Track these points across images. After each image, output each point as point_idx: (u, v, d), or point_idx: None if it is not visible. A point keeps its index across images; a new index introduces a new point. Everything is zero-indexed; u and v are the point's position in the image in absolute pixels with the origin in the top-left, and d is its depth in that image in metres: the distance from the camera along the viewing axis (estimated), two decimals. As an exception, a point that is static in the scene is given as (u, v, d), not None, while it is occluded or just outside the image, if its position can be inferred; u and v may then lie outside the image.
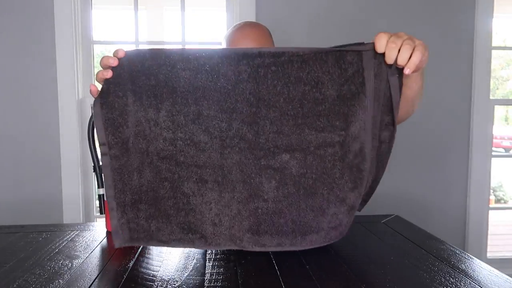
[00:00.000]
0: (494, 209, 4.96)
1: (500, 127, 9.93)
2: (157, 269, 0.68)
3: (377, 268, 0.68)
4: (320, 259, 0.72)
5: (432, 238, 0.86)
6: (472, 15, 1.94)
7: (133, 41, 1.93)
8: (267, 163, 0.67)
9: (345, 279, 0.64)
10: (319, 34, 1.89)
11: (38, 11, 1.77)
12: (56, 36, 1.77)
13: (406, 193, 1.96)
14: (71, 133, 1.80)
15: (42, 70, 1.79)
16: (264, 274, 0.66)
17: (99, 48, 10.52)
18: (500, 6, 2.08)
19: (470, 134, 1.98)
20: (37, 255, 0.76)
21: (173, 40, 3.14)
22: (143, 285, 0.62)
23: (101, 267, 0.69)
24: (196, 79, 0.64)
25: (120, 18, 9.46)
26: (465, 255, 0.75)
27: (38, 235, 0.89)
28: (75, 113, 1.80)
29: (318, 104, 0.64)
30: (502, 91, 10.85)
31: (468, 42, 1.95)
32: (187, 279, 0.64)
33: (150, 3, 4.97)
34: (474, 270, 0.68)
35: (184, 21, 1.94)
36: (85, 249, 0.80)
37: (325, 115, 0.65)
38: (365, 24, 1.90)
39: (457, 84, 1.97)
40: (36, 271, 0.68)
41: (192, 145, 0.67)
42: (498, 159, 2.24)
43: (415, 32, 2.01)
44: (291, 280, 0.63)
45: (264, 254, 0.75)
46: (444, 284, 0.62)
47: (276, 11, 1.86)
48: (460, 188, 2.00)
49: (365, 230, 0.93)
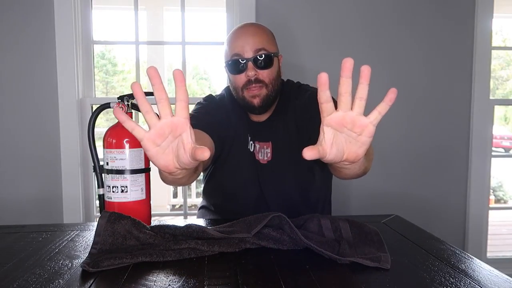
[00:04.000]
0: (494, 209, 4.96)
1: (500, 127, 9.93)
2: (157, 269, 0.68)
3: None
4: (320, 259, 0.72)
5: (432, 238, 0.86)
6: (472, 15, 1.94)
7: (133, 41, 1.93)
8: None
9: (345, 279, 0.64)
10: (319, 34, 1.89)
11: (38, 11, 1.77)
12: (56, 36, 1.77)
13: (406, 193, 1.96)
14: (71, 133, 1.80)
15: (42, 70, 1.79)
16: (264, 274, 0.66)
17: (99, 48, 10.48)
18: (500, 6, 2.08)
19: (470, 134, 1.98)
20: (37, 255, 0.76)
21: (173, 40, 3.12)
22: (143, 285, 0.62)
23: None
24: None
25: (120, 18, 9.47)
26: (465, 255, 0.75)
27: (38, 235, 0.89)
28: (75, 113, 1.80)
29: None
30: (502, 91, 10.85)
31: (468, 42, 1.95)
32: (187, 279, 0.64)
33: (150, 3, 4.97)
34: (474, 270, 0.68)
35: (184, 21, 1.94)
36: (85, 249, 0.80)
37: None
38: (365, 24, 1.90)
39: (457, 84, 1.97)
40: (36, 271, 0.68)
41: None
42: (498, 159, 2.24)
43: (415, 32, 2.02)
44: (291, 280, 0.63)
45: (264, 254, 0.75)
46: (444, 284, 0.62)
47: (276, 11, 1.86)
48: (460, 188, 2.01)
49: (365, 230, 0.93)
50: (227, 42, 1.11)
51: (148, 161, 0.92)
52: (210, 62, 11.77)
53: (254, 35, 1.07)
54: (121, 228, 0.77)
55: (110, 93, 10.65)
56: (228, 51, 1.09)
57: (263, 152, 1.14)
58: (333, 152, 0.63)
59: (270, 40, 1.10)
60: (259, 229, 0.77)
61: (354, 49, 1.91)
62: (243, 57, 1.06)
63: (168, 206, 4.90)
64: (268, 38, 1.10)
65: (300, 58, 1.88)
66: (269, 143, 1.14)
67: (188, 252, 0.73)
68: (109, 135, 0.89)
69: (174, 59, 7.89)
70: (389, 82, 1.93)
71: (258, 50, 1.05)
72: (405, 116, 1.95)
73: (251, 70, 1.05)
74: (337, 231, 0.81)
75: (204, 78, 12.24)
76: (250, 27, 1.10)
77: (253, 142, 1.15)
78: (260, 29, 1.10)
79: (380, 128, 2.14)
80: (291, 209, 1.13)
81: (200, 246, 0.74)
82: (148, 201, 0.93)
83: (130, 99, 0.92)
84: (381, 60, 1.92)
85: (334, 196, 1.30)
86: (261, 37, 1.07)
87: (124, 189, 0.88)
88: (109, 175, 0.89)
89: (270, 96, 1.09)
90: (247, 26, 1.11)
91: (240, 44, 1.06)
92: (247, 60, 1.05)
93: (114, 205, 0.89)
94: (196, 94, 11.09)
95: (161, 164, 0.64)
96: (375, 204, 1.94)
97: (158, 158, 0.63)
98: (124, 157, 0.88)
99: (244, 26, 1.11)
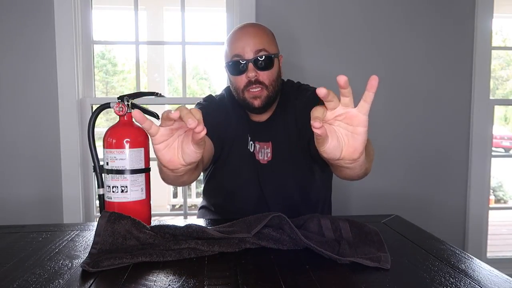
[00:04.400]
0: (494, 209, 4.96)
1: (500, 127, 9.93)
2: (157, 269, 0.68)
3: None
4: (320, 259, 0.72)
5: (432, 238, 0.86)
6: (472, 15, 1.94)
7: (133, 41, 1.93)
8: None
9: (345, 279, 0.64)
10: (319, 33, 1.89)
11: (38, 11, 1.77)
12: (56, 36, 1.77)
13: (406, 193, 1.96)
14: (71, 133, 1.80)
15: (42, 70, 1.79)
16: (264, 274, 0.66)
17: (99, 48, 10.48)
18: (500, 6, 2.08)
19: (470, 134, 1.98)
20: (37, 255, 0.76)
21: (173, 40, 3.12)
22: (143, 285, 0.62)
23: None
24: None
25: (120, 18, 9.48)
26: (465, 255, 0.75)
27: (38, 235, 0.89)
28: (75, 113, 1.80)
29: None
30: (502, 91, 10.86)
31: (468, 42, 1.95)
32: (187, 279, 0.64)
33: (150, 3, 4.97)
34: (474, 270, 0.68)
35: (184, 21, 1.94)
36: (85, 249, 0.80)
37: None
38: (365, 24, 1.90)
39: (457, 84, 1.97)
40: (36, 271, 0.68)
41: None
42: (498, 159, 2.24)
43: (415, 32, 2.02)
44: (291, 280, 0.63)
45: (264, 254, 0.75)
46: (444, 284, 0.62)
47: (276, 11, 1.86)
48: (460, 188, 2.01)
49: (365, 230, 0.93)
50: (228, 43, 1.10)
51: (148, 161, 0.92)
52: (210, 62, 11.78)
53: (255, 36, 1.07)
54: (121, 228, 0.77)
55: (110, 93, 10.65)
56: (229, 52, 1.09)
57: (263, 152, 1.14)
58: (333, 143, 0.64)
59: (270, 41, 1.10)
60: (259, 229, 0.77)
61: (354, 49, 1.91)
62: (244, 58, 1.06)
63: (168, 206, 4.91)
64: (268, 38, 1.09)
65: (299, 58, 1.88)
66: (269, 143, 1.14)
67: (188, 252, 0.73)
68: (109, 135, 0.89)
69: (174, 59, 7.89)
70: (389, 82, 1.93)
71: (258, 51, 1.05)
72: (405, 116, 1.95)
73: (251, 71, 1.05)
74: (337, 231, 0.81)
75: (204, 78, 12.24)
76: (250, 27, 1.10)
77: (253, 142, 1.15)
78: (261, 30, 1.10)
79: (380, 128, 2.14)
80: (291, 209, 1.13)
81: (200, 246, 0.74)
82: (148, 201, 0.93)
83: (130, 99, 0.92)
84: (381, 60, 1.92)
85: (334, 196, 1.30)
86: (262, 38, 1.07)
87: (124, 189, 0.88)
88: (109, 175, 0.88)
89: (270, 97, 1.09)
90: (247, 26, 1.11)
91: (241, 45, 1.06)
92: (248, 61, 1.05)
93: (114, 205, 0.89)
94: (196, 94, 11.09)
95: (166, 159, 0.69)
96: (375, 204, 1.94)
97: (164, 153, 0.68)
98: (124, 157, 0.88)
99: (244, 27, 1.11)
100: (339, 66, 1.90)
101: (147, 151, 0.92)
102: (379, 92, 1.94)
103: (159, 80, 5.42)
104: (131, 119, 0.93)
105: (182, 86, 2.01)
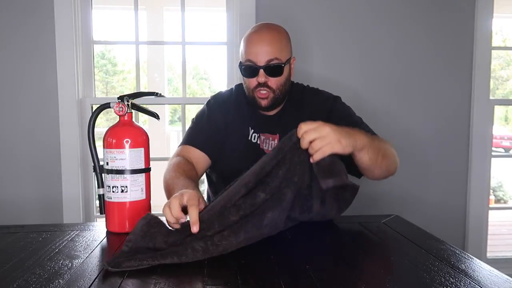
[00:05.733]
0: (494, 209, 4.96)
1: (500, 127, 9.92)
2: (157, 269, 0.68)
3: (377, 268, 0.68)
4: (320, 259, 0.72)
5: (432, 238, 0.86)
6: (472, 15, 1.94)
7: (133, 41, 1.93)
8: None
9: (345, 279, 0.64)
10: (319, 33, 1.89)
11: (38, 11, 1.77)
12: (56, 36, 1.77)
13: (406, 193, 1.96)
14: (71, 133, 1.80)
15: (42, 70, 1.79)
16: (264, 274, 0.66)
17: (99, 48, 10.47)
18: (500, 6, 2.08)
19: (470, 134, 1.98)
20: (37, 255, 0.76)
21: (173, 40, 3.12)
22: (143, 285, 0.62)
23: (101, 267, 0.69)
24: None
25: (120, 18, 9.47)
26: (465, 255, 0.75)
27: (38, 235, 0.89)
28: (75, 113, 1.80)
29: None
30: (502, 91, 10.85)
31: (468, 42, 1.95)
32: (187, 279, 0.65)
33: (150, 3, 4.97)
34: (474, 270, 0.68)
35: (184, 21, 1.94)
36: (85, 249, 0.80)
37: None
38: (365, 23, 1.90)
39: (457, 84, 1.97)
40: (36, 271, 0.68)
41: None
42: (498, 159, 2.24)
43: (415, 32, 2.02)
44: (291, 280, 0.63)
45: (264, 254, 0.75)
46: (444, 284, 0.62)
47: (276, 11, 1.86)
48: (460, 188, 2.00)
49: (365, 230, 0.93)
50: (244, 43, 1.14)
51: (148, 161, 0.92)
52: (210, 62, 11.78)
53: (268, 44, 1.11)
54: (156, 232, 0.76)
55: (110, 93, 10.65)
56: (244, 54, 1.14)
57: (267, 142, 1.19)
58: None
59: (283, 47, 1.14)
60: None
61: (354, 49, 1.91)
62: (256, 64, 1.11)
63: (168, 206, 4.89)
64: (281, 45, 1.13)
65: (299, 58, 1.87)
66: (276, 135, 1.19)
67: (203, 253, 0.72)
68: (109, 135, 0.89)
69: (174, 59, 7.89)
70: (389, 82, 1.93)
71: (270, 60, 1.11)
72: (405, 116, 1.95)
73: (261, 77, 1.12)
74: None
75: (204, 78, 12.25)
76: (266, 32, 1.13)
77: (258, 134, 1.19)
78: (276, 36, 1.13)
79: (380, 128, 2.14)
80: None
81: (223, 240, 0.74)
82: (148, 201, 0.93)
83: (130, 99, 0.92)
84: (381, 60, 1.92)
85: (334, 196, 1.30)
86: (275, 46, 1.11)
87: (124, 189, 0.88)
88: (109, 175, 0.89)
89: (277, 99, 1.16)
90: (263, 30, 1.14)
91: (254, 51, 1.11)
92: (259, 67, 1.11)
93: (114, 205, 0.89)
94: (196, 94, 11.09)
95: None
96: (375, 204, 1.94)
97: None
98: (124, 157, 0.88)
99: (260, 30, 1.14)
100: (339, 67, 1.90)
101: (147, 151, 0.92)
102: (379, 92, 1.94)
103: (159, 80, 5.42)
104: (131, 119, 0.93)
105: (182, 86, 2.01)
